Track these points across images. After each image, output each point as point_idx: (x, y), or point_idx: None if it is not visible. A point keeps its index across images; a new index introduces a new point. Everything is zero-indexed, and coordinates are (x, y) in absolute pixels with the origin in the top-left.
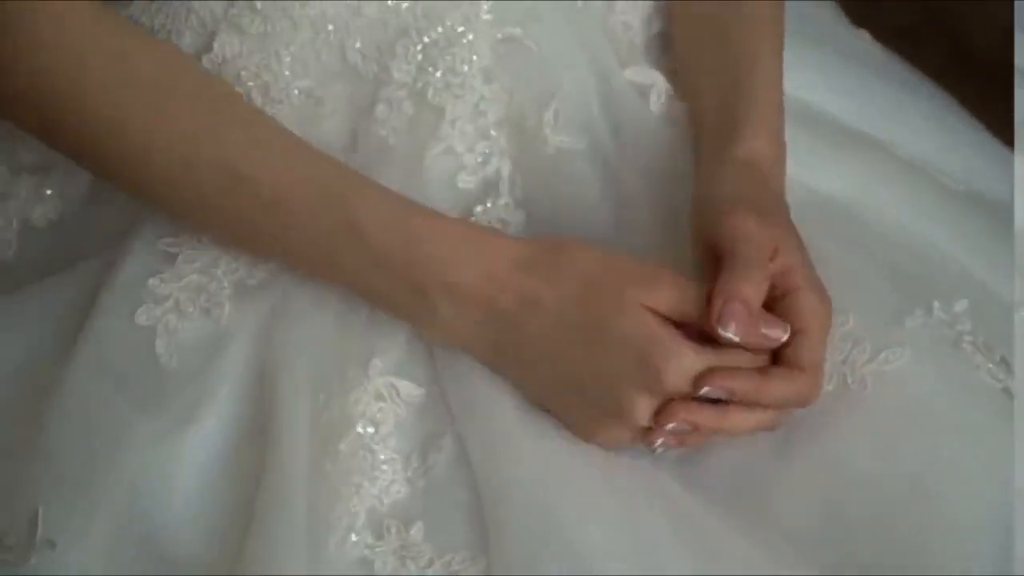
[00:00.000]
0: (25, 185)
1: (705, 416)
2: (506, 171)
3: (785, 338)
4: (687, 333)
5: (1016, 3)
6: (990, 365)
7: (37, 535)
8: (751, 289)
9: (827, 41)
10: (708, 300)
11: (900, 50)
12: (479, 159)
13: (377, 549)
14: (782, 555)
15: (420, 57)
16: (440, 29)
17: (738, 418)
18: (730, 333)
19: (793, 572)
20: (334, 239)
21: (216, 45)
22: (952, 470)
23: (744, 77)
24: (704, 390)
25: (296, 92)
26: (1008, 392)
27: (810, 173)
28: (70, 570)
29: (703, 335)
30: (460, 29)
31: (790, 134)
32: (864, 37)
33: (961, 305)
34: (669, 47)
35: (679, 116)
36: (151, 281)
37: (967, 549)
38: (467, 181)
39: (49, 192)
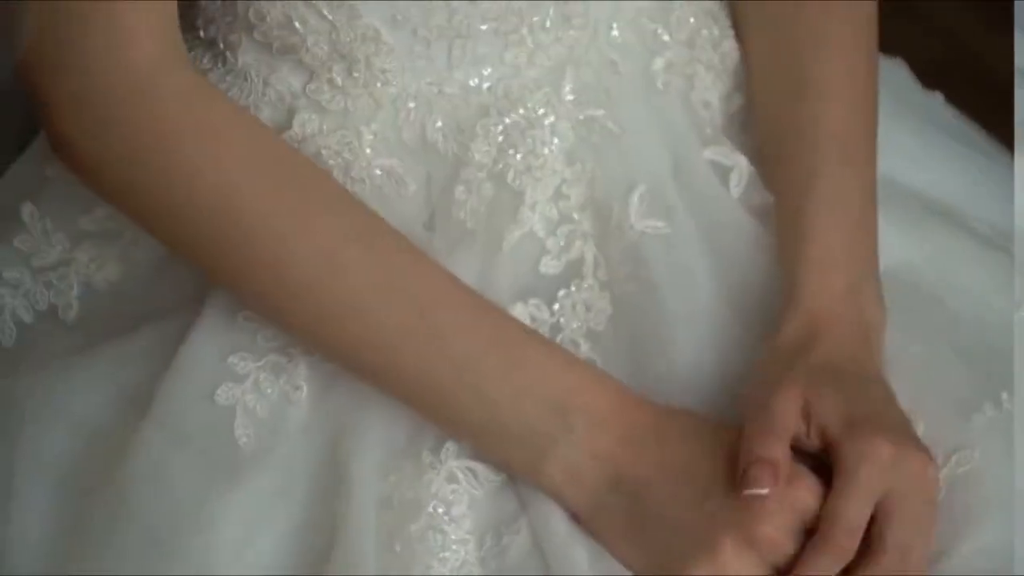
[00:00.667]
0: (87, 251)
1: None
2: (590, 255)
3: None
4: None
5: (1016, 3)
6: None
7: None
8: (766, 451)
9: (903, 107)
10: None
11: (927, 84)
12: (562, 243)
13: None
14: None
15: (501, 139)
16: (521, 111)
17: None
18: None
19: None
20: (486, 356)
21: (296, 123)
22: None
23: (801, 206)
24: None
25: (377, 172)
26: None
27: (888, 250)
28: None
29: None
30: (541, 111)
31: None
32: (937, 99)
33: None
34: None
35: (763, 203)
36: (231, 359)
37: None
38: (550, 265)
39: (114, 255)
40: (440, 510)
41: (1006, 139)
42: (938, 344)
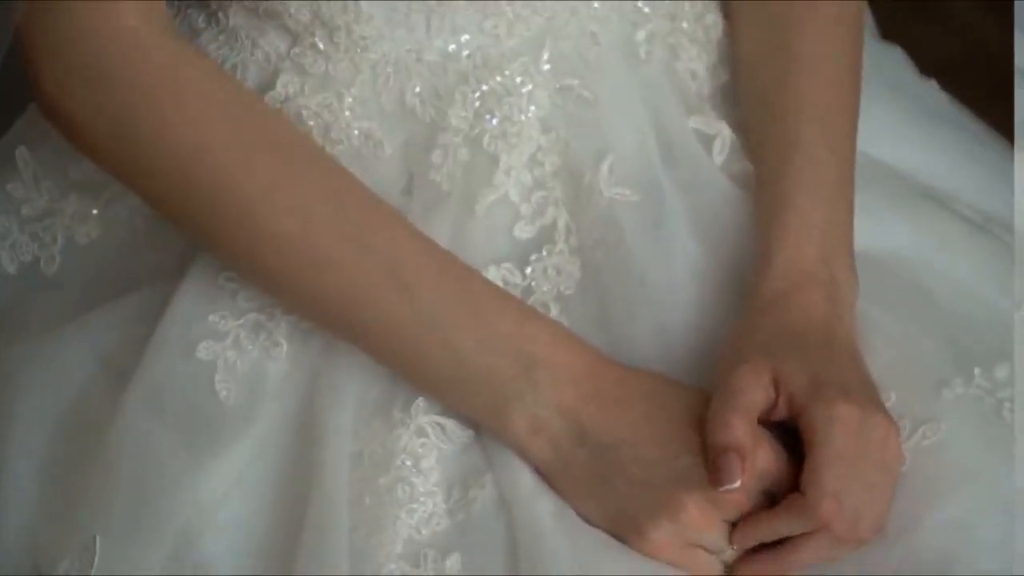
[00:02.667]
0: (73, 203)
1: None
2: (562, 221)
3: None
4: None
5: (1016, 3)
6: None
7: (95, 564)
8: (730, 437)
9: (896, 91)
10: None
11: (941, 83)
12: (535, 208)
13: None
14: None
15: (478, 104)
16: (499, 78)
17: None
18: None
19: None
20: (453, 310)
21: (279, 84)
22: (988, 540)
23: (780, 178)
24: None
25: (356, 133)
26: None
27: (872, 230)
28: None
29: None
30: (519, 79)
31: (856, 191)
32: (932, 86)
33: (1003, 371)
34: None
35: (745, 172)
36: (211, 317)
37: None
38: (524, 230)
39: (95, 212)
40: (408, 463)
41: None
42: (914, 320)
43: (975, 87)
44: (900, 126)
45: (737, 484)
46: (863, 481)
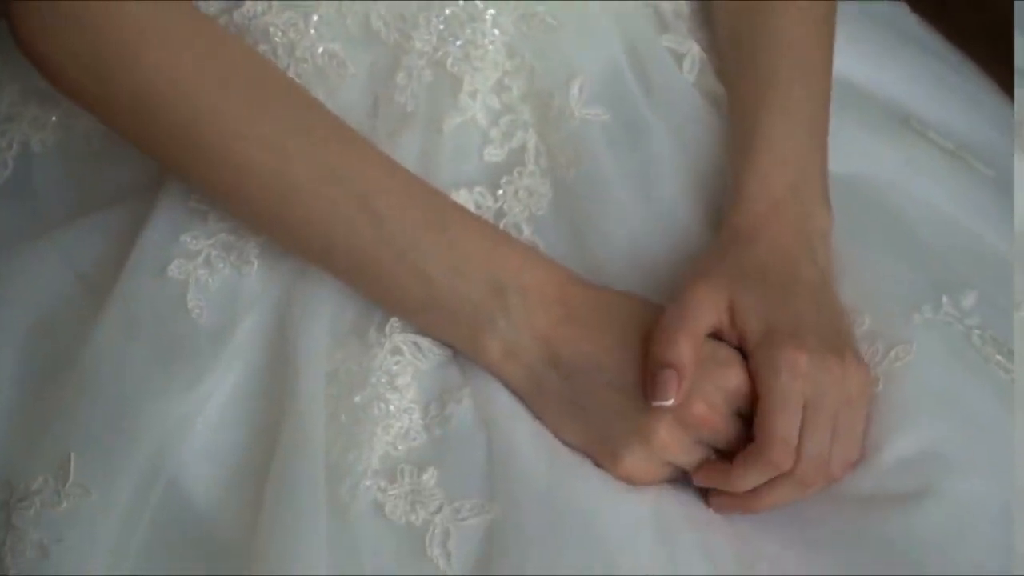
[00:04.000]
0: (32, 109)
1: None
2: (531, 142)
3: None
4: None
5: (1016, 3)
6: (999, 357)
7: (69, 481)
8: (672, 355)
9: (870, 15)
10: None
11: (924, 14)
12: (504, 132)
13: (389, 492)
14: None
15: (442, 27)
16: (461, 3)
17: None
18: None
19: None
20: (422, 236)
21: (248, 1)
22: (958, 462)
23: (754, 111)
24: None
25: (320, 52)
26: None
27: (848, 155)
28: (100, 516)
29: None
30: (480, 4)
31: (831, 115)
32: (903, 9)
33: (970, 299)
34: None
35: (715, 91)
36: (183, 238)
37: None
38: (493, 154)
39: (54, 119)
40: (384, 380)
41: None
42: (889, 244)
43: (959, 18)
44: (876, 51)
45: (670, 402)
46: (823, 423)
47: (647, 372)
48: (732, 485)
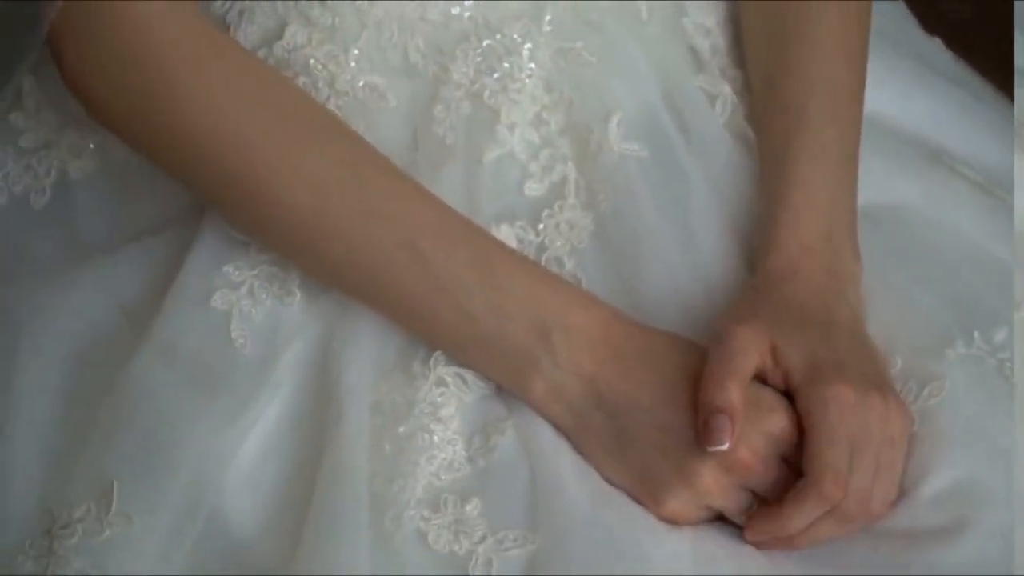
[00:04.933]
0: (69, 136)
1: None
2: (571, 176)
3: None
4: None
5: (1016, 3)
6: None
7: (112, 510)
8: (723, 400)
9: (900, 49)
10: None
11: (952, 47)
12: (543, 166)
13: (432, 522)
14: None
15: (479, 60)
16: (499, 36)
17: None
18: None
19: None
20: (468, 276)
21: (287, 33)
22: (994, 494)
23: (786, 154)
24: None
25: (361, 85)
26: None
27: (879, 189)
28: (141, 545)
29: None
30: (517, 38)
31: (862, 151)
32: (936, 45)
33: (1001, 334)
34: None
35: (745, 134)
36: (226, 268)
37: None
38: (534, 188)
39: (92, 146)
40: (428, 412)
41: None
42: (919, 278)
43: (987, 51)
44: (906, 86)
45: (726, 446)
46: (867, 460)
47: (699, 418)
48: (785, 527)
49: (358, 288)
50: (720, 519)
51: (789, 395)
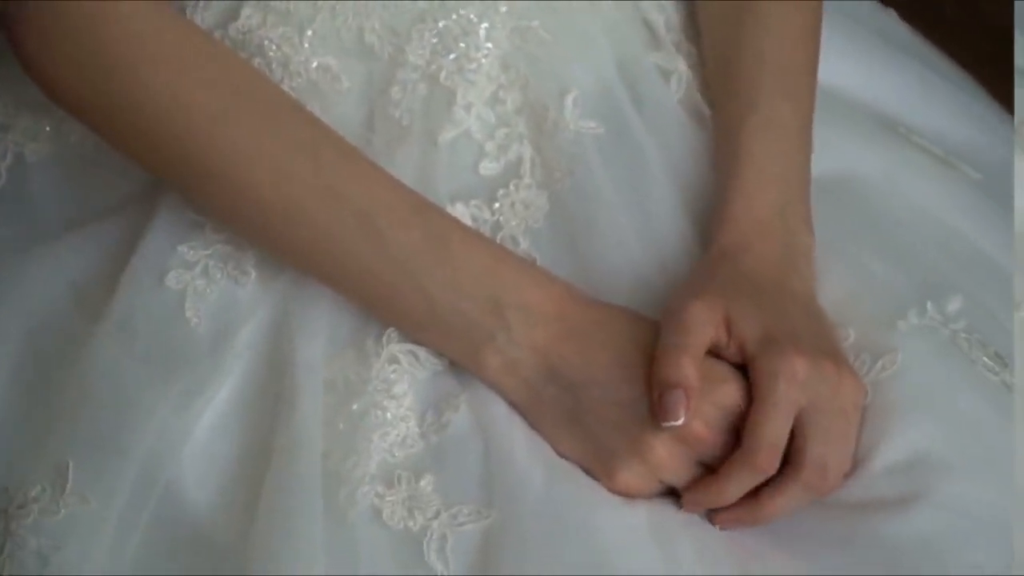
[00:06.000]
0: (25, 119)
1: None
2: (527, 155)
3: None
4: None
5: (1016, 3)
6: (985, 359)
7: (67, 489)
8: (678, 375)
9: (855, 21)
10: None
11: (919, 27)
12: (500, 145)
13: (387, 499)
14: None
15: (435, 40)
16: (455, 16)
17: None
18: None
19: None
20: (423, 253)
21: (243, 14)
22: (949, 465)
23: (739, 130)
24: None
25: (315, 67)
26: (1006, 385)
27: (835, 159)
28: (97, 523)
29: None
30: (473, 18)
31: (817, 122)
32: (892, 17)
33: (954, 304)
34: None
35: (700, 109)
36: (180, 248)
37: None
38: (489, 167)
39: (47, 129)
40: (381, 389)
41: None
42: (874, 248)
43: (944, 21)
44: (862, 58)
45: (680, 421)
46: (820, 430)
47: (653, 393)
48: (719, 496)
49: (316, 267)
50: (673, 493)
51: (744, 367)
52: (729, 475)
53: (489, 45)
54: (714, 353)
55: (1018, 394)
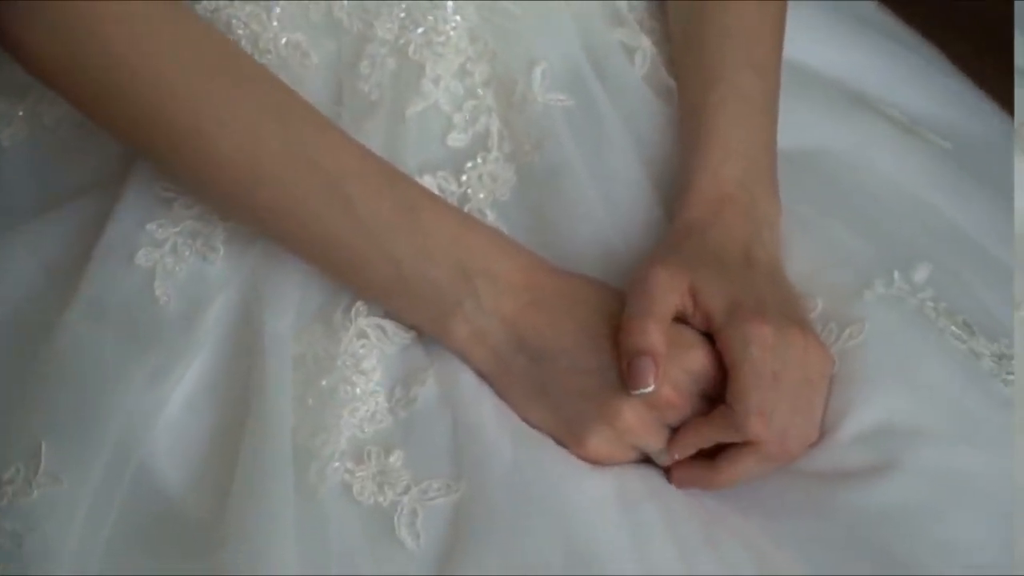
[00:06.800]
0: None
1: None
2: (495, 127)
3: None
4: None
5: (1016, 3)
6: (953, 328)
7: (40, 470)
8: (646, 342)
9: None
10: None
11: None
12: (467, 117)
13: (357, 474)
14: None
15: (403, 15)
16: None
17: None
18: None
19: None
20: (393, 220)
21: None
22: (918, 433)
23: (704, 102)
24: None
25: (284, 43)
26: (974, 353)
27: (801, 131)
28: (71, 503)
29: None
30: None
31: (786, 97)
32: None
33: (921, 273)
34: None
35: (666, 85)
36: (149, 226)
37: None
38: (457, 139)
39: (20, 113)
40: (350, 364)
41: None
42: (841, 218)
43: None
44: (828, 32)
45: (651, 388)
46: (787, 398)
47: (622, 361)
48: (720, 478)
49: (286, 235)
50: (641, 461)
51: (710, 337)
52: (718, 429)
53: (457, 18)
54: (681, 320)
55: (1018, 390)
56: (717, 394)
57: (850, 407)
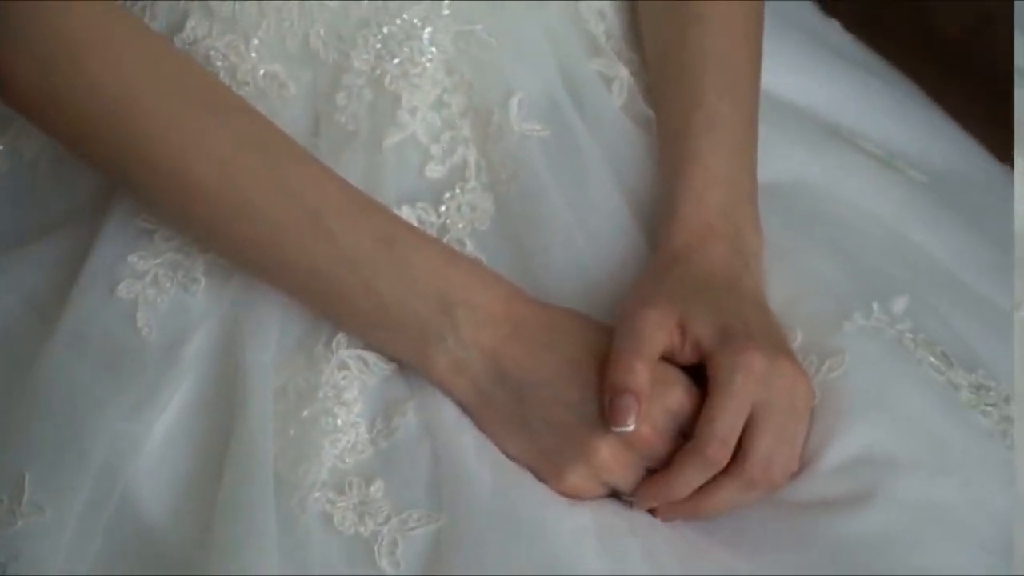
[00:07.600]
0: None
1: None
2: (472, 158)
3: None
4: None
5: (1016, 3)
6: (932, 359)
7: (24, 499)
8: (630, 381)
9: (798, 30)
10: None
11: (864, 36)
12: (445, 148)
13: (338, 504)
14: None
15: (379, 46)
16: (399, 21)
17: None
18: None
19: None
20: (373, 252)
21: (188, 25)
22: (898, 463)
23: (683, 130)
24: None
25: (261, 74)
26: (953, 385)
27: (779, 164)
28: (54, 533)
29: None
30: (417, 23)
31: (763, 128)
32: (834, 27)
33: (899, 305)
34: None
35: (644, 114)
36: (130, 258)
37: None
38: (435, 170)
39: (1, 148)
40: (331, 395)
41: None
42: (819, 254)
43: (900, 41)
44: (804, 65)
45: (631, 427)
46: (771, 427)
47: (604, 397)
48: (670, 491)
49: (266, 267)
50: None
51: (700, 366)
52: (681, 467)
53: (433, 50)
54: (667, 358)
55: (1017, 399)
56: (693, 432)
57: (831, 437)
